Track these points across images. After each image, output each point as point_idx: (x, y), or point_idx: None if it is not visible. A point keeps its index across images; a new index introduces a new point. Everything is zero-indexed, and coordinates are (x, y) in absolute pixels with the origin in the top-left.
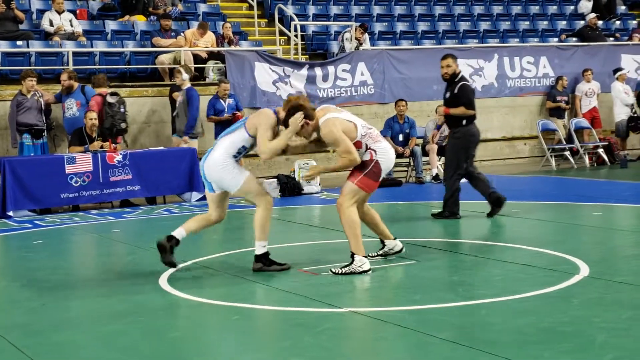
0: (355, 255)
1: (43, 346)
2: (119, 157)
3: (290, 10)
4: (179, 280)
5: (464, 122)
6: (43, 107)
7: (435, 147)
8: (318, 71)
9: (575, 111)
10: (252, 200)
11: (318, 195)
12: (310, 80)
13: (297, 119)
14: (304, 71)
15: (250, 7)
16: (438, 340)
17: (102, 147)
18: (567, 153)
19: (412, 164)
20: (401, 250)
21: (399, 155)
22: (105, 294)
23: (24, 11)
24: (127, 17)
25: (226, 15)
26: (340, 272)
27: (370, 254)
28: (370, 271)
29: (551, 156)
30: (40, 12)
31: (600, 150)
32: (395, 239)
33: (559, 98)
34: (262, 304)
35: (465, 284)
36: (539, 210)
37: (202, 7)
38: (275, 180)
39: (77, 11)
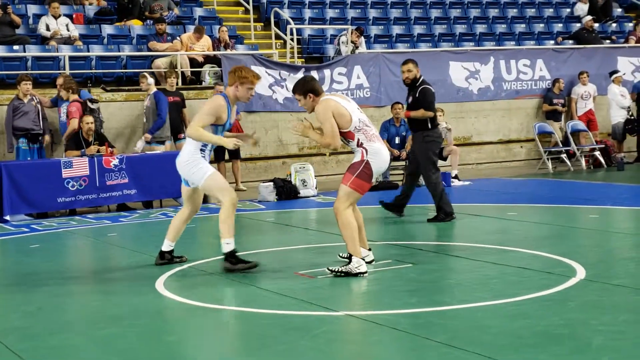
0: (352, 257)
1: (40, 350)
2: (115, 161)
3: (286, 13)
4: (175, 283)
5: (429, 125)
6: (41, 111)
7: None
8: (314, 75)
9: (572, 114)
10: (216, 195)
11: (314, 198)
12: None
13: (234, 143)
14: (300, 74)
15: (247, 11)
16: (434, 344)
17: (98, 151)
18: (563, 156)
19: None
20: (371, 262)
21: (395, 158)
22: (101, 298)
23: (21, 16)
24: (123, 21)
25: (222, 19)
26: (337, 270)
27: (339, 254)
28: (367, 273)
29: (548, 159)
30: (37, 17)
31: (597, 153)
32: (369, 249)
33: (555, 101)
34: (258, 308)
35: (461, 287)
36: (536, 212)
37: (199, 11)
38: (271, 183)
39: (74, 15)
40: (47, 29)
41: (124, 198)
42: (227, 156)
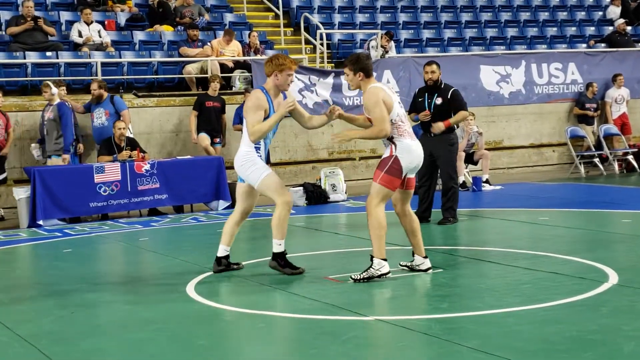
0: (374, 259)
1: (72, 353)
2: (146, 166)
3: (316, 18)
4: (206, 288)
5: (455, 127)
6: (73, 118)
7: (463, 154)
8: (344, 79)
9: (606, 117)
10: (271, 197)
11: (344, 203)
12: (336, 88)
13: (288, 103)
14: (330, 79)
15: (277, 16)
16: (464, 349)
17: (130, 156)
18: (596, 160)
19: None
20: (427, 270)
21: None
22: (133, 302)
23: (53, 22)
24: (154, 27)
25: (252, 24)
26: (359, 278)
27: (400, 264)
28: (390, 274)
29: (580, 163)
30: (69, 23)
31: (630, 157)
32: (425, 257)
33: (587, 105)
34: (288, 312)
35: (493, 292)
36: (568, 217)
37: (229, 17)
38: (301, 188)
39: (106, 22)
40: (80, 35)
41: (155, 203)
42: None
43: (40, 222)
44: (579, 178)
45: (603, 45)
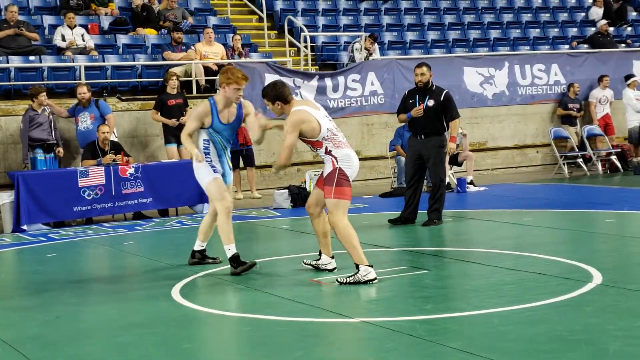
0: (360, 266)
1: (57, 358)
2: (131, 170)
3: (299, 21)
4: (192, 291)
5: (446, 129)
6: (53, 122)
7: (447, 155)
8: (328, 82)
9: (591, 118)
10: (212, 202)
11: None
12: (321, 90)
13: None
14: (314, 82)
15: (260, 19)
16: (449, 350)
17: (114, 160)
18: (579, 160)
19: None
20: (333, 269)
21: None
22: (118, 306)
23: (36, 26)
24: (137, 30)
25: (236, 27)
26: (345, 281)
27: (304, 262)
28: (376, 280)
29: (564, 164)
30: (53, 27)
31: (613, 157)
32: (332, 257)
33: (570, 105)
34: (273, 315)
35: (477, 293)
36: (552, 218)
37: (213, 20)
38: (286, 191)
39: (89, 26)
40: (63, 39)
41: (139, 206)
42: (241, 164)
43: (25, 227)
44: (562, 179)
45: (586, 46)
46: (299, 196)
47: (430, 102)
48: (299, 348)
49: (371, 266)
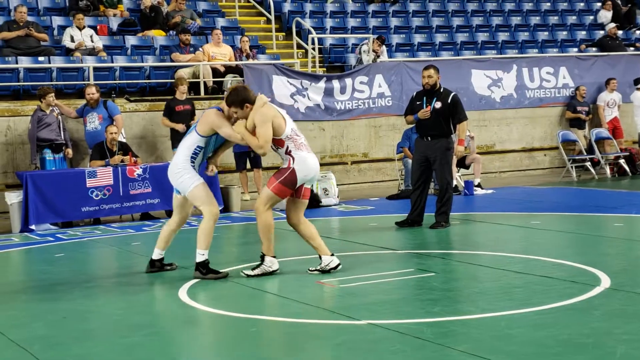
0: (265, 256)
1: (64, 358)
2: (138, 171)
3: (307, 23)
4: (198, 292)
5: (453, 131)
6: (62, 122)
7: (455, 158)
8: (336, 83)
9: (599, 121)
10: (198, 207)
11: (336, 207)
12: (328, 92)
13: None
14: (322, 84)
15: (268, 21)
16: (457, 353)
17: (122, 161)
18: (588, 164)
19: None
20: (337, 266)
21: None
22: (124, 307)
23: (45, 27)
24: (146, 32)
25: (244, 29)
26: (252, 274)
27: (309, 269)
28: (278, 270)
29: (572, 167)
30: (62, 28)
31: (622, 161)
32: (332, 254)
33: (579, 108)
34: (280, 316)
35: (485, 296)
36: (560, 221)
37: (221, 22)
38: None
39: (98, 27)
40: (72, 40)
41: (147, 207)
42: (248, 165)
43: (33, 227)
44: (570, 182)
45: (594, 49)
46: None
47: (437, 104)
48: (305, 350)
49: (275, 257)
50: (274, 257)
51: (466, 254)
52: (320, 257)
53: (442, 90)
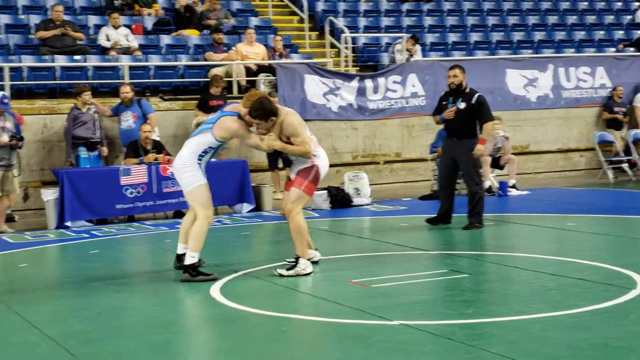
0: (299, 259)
1: (98, 354)
2: (172, 169)
3: (341, 22)
4: (230, 290)
5: (479, 132)
6: (97, 120)
7: (489, 159)
8: (368, 83)
9: (637, 122)
10: (195, 207)
11: (368, 207)
12: (361, 92)
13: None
14: (355, 83)
15: (301, 20)
16: (490, 355)
17: (156, 159)
18: (624, 165)
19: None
20: (318, 261)
21: None
22: (158, 303)
23: (82, 26)
24: (180, 31)
25: (277, 28)
26: (286, 274)
27: (287, 260)
28: (312, 274)
29: (608, 168)
30: (97, 28)
31: None
32: (316, 249)
33: (616, 109)
34: (312, 315)
35: (519, 298)
36: (596, 223)
37: (254, 21)
38: (325, 192)
39: (133, 26)
40: (107, 39)
41: (180, 205)
42: (280, 164)
43: (68, 224)
44: (607, 183)
45: (632, 49)
46: (337, 197)
47: (462, 105)
48: (338, 350)
49: (309, 260)
50: (309, 260)
51: (500, 256)
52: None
53: (467, 90)
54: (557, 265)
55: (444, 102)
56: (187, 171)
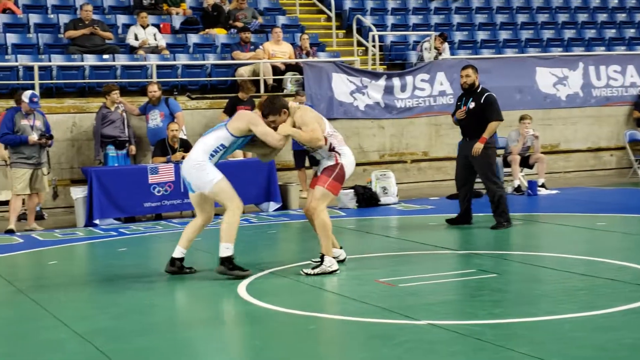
0: (325, 257)
1: (126, 351)
2: None
3: (368, 20)
4: (257, 288)
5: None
6: (126, 119)
7: (518, 158)
8: (396, 81)
9: None
10: (222, 202)
11: (395, 206)
12: (388, 90)
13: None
14: (382, 81)
15: (329, 19)
16: (518, 355)
17: (183, 157)
18: None
19: None
20: (344, 260)
21: None
22: (185, 301)
23: (110, 25)
24: (207, 30)
25: (305, 26)
26: (312, 273)
27: (312, 260)
28: (339, 271)
29: (638, 167)
30: (126, 27)
31: None
32: (340, 248)
33: None
34: (339, 314)
35: (548, 298)
36: (626, 223)
37: (281, 19)
38: (352, 191)
39: (161, 25)
40: (136, 38)
41: None
42: (307, 163)
43: (97, 222)
44: (637, 183)
45: None
46: (364, 196)
47: (472, 104)
48: (364, 349)
49: (335, 258)
50: (335, 257)
51: (529, 255)
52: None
53: (479, 90)
54: (587, 265)
55: (458, 103)
56: (202, 170)
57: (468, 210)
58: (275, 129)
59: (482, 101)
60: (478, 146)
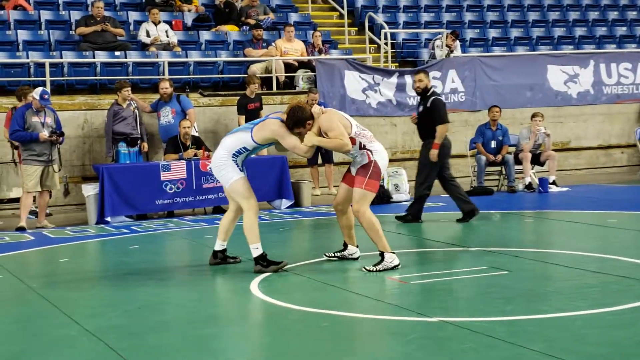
0: (384, 253)
1: (138, 348)
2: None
3: (380, 18)
4: (270, 286)
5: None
6: (138, 116)
7: (529, 155)
8: (408, 79)
9: None
10: (238, 201)
11: (407, 203)
12: (400, 88)
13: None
14: (394, 79)
15: (341, 16)
16: (530, 352)
17: (195, 154)
18: None
19: (504, 172)
20: (357, 258)
21: (490, 164)
22: (198, 298)
23: (122, 22)
24: (219, 27)
25: (317, 24)
26: (374, 269)
27: (325, 254)
28: (400, 266)
29: None
30: (138, 24)
31: None
32: (357, 246)
33: None
34: (352, 312)
35: (559, 295)
36: (637, 220)
37: (294, 17)
38: None
39: (173, 22)
40: (147, 35)
41: (219, 201)
42: (320, 160)
43: (108, 219)
44: None
45: None
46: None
47: (420, 108)
48: (377, 346)
49: (394, 253)
50: (394, 252)
51: (540, 252)
52: (345, 246)
53: (429, 94)
54: (598, 262)
55: (419, 106)
56: (224, 168)
57: (420, 209)
58: (301, 138)
59: (428, 105)
60: (433, 152)
